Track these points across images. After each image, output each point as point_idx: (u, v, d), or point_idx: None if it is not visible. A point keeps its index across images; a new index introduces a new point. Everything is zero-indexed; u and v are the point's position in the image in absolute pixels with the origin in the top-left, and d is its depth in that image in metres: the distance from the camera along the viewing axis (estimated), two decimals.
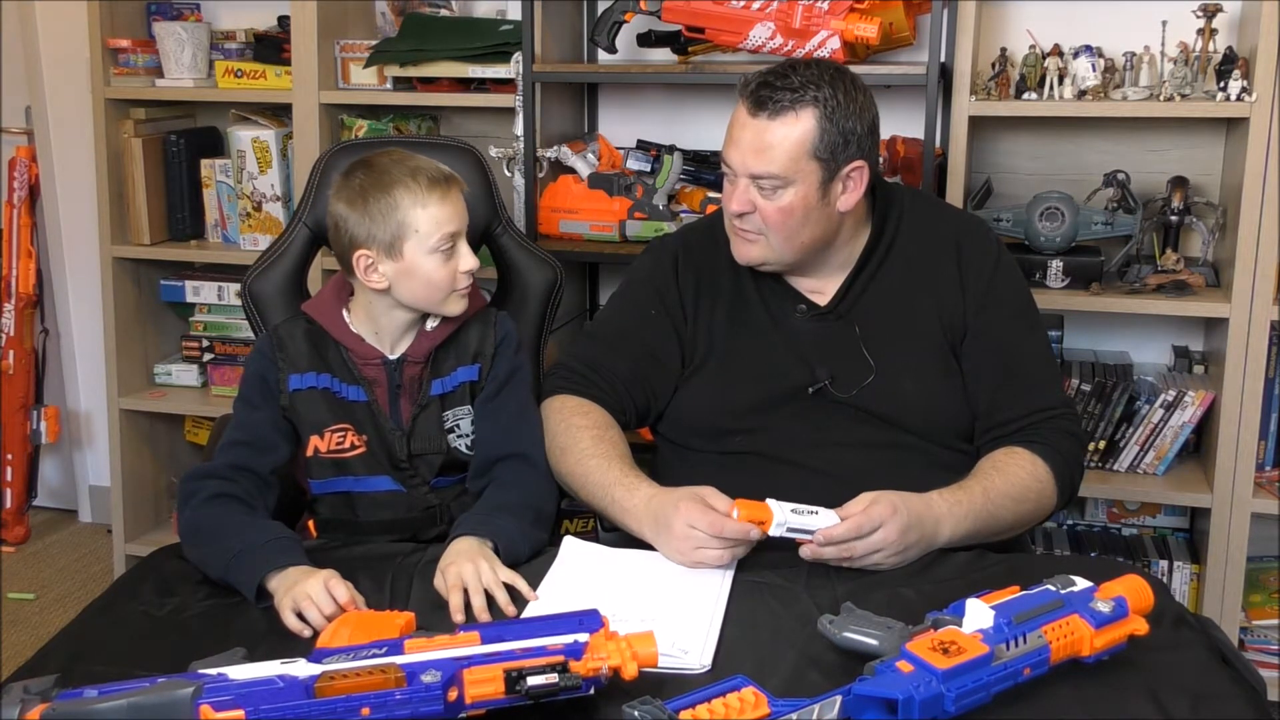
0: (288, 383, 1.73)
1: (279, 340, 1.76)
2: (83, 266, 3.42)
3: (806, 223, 1.72)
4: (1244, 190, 2.38)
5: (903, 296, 1.80)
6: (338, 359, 1.75)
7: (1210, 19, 2.43)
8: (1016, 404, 1.75)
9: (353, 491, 1.76)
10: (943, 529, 1.58)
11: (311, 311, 1.79)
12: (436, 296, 1.71)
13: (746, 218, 1.73)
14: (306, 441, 1.74)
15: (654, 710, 1.12)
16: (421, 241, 1.67)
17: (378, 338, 1.75)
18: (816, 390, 1.76)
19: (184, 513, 1.62)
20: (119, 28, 2.97)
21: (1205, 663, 1.31)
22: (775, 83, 1.68)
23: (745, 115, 1.69)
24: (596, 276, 2.97)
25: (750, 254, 1.77)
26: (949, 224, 1.87)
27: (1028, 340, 1.81)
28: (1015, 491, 1.67)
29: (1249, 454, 2.47)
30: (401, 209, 1.66)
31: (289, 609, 1.42)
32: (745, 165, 1.70)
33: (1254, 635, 2.60)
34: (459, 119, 3.04)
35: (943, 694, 1.15)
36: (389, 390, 1.75)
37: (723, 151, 1.74)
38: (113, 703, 1.11)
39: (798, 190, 1.69)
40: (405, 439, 1.74)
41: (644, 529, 1.61)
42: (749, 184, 1.70)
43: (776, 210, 1.70)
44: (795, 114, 1.67)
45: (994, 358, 1.77)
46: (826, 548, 1.51)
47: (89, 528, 3.60)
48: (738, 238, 1.77)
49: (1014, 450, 1.71)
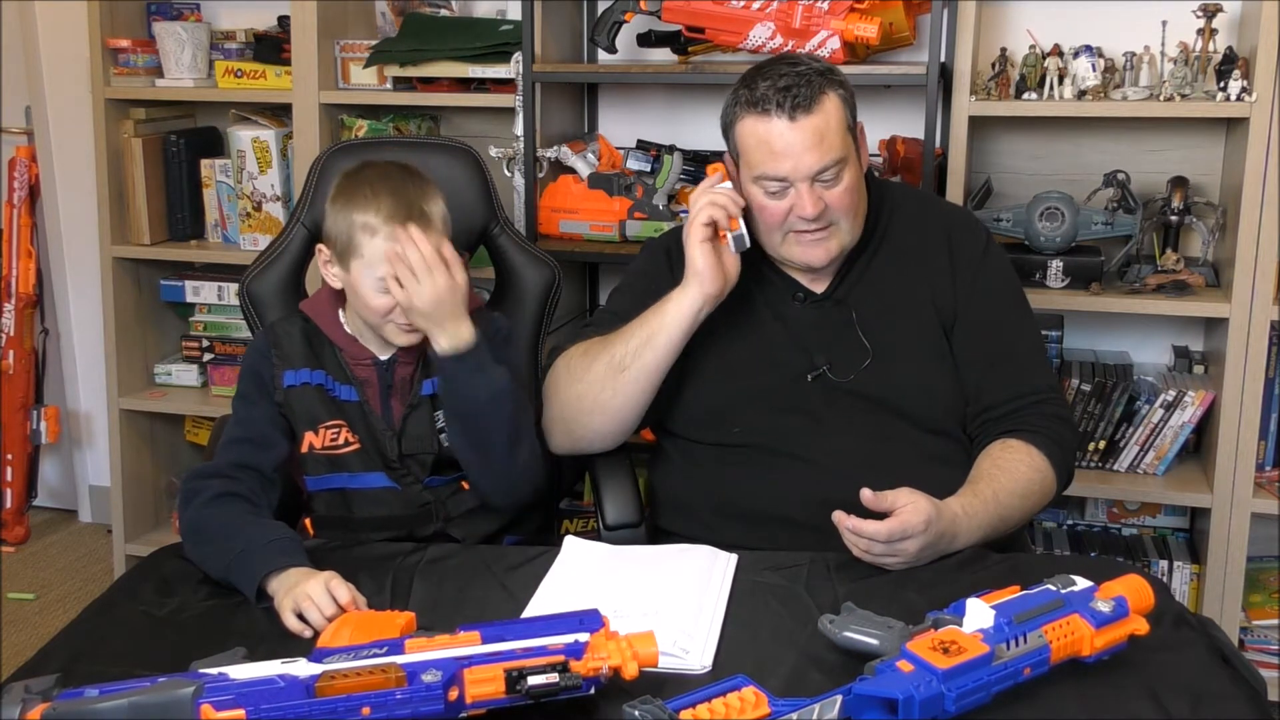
0: (282, 379, 1.74)
1: (274, 337, 1.77)
2: (83, 266, 3.42)
3: (862, 194, 1.78)
4: (1244, 190, 2.38)
5: (897, 284, 1.82)
6: (332, 358, 1.76)
7: (1210, 19, 2.43)
8: (1003, 388, 1.77)
9: (347, 489, 1.76)
10: (959, 540, 1.60)
11: (308, 310, 1.80)
12: (373, 320, 1.72)
13: (821, 216, 1.73)
14: (301, 438, 1.74)
15: (654, 710, 1.12)
16: (364, 267, 1.68)
17: (367, 339, 1.76)
18: (815, 377, 1.77)
19: (186, 512, 1.62)
20: (119, 28, 2.97)
21: (1205, 663, 1.31)
22: (790, 87, 1.69)
23: (783, 125, 1.69)
24: (596, 277, 2.97)
25: (830, 250, 1.76)
26: (940, 216, 1.90)
27: (1015, 326, 1.83)
28: (1020, 488, 1.68)
29: (1249, 454, 2.47)
30: (355, 228, 1.67)
31: (289, 610, 1.42)
32: (806, 167, 1.70)
33: (1254, 635, 2.60)
34: (459, 119, 3.04)
35: (943, 694, 1.15)
36: (380, 390, 1.75)
37: (762, 171, 1.72)
38: (113, 702, 1.11)
39: (852, 167, 1.74)
40: (396, 439, 1.74)
41: (679, 288, 1.74)
42: (810, 186, 1.71)
43: (844, 194, 1.73)
44: (825, 98, 1.71)
45: (982, 343, 1.79)
46: (858, 539, 1.53)
47: (89, 528, 3.60)
48: (811, 244, 1.76)
49: (1009, 444, 1.72)
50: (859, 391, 1.76)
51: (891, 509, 1.52)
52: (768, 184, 1.73)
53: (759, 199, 1.75)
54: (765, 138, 1.71)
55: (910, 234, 1.85)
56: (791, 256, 1.78)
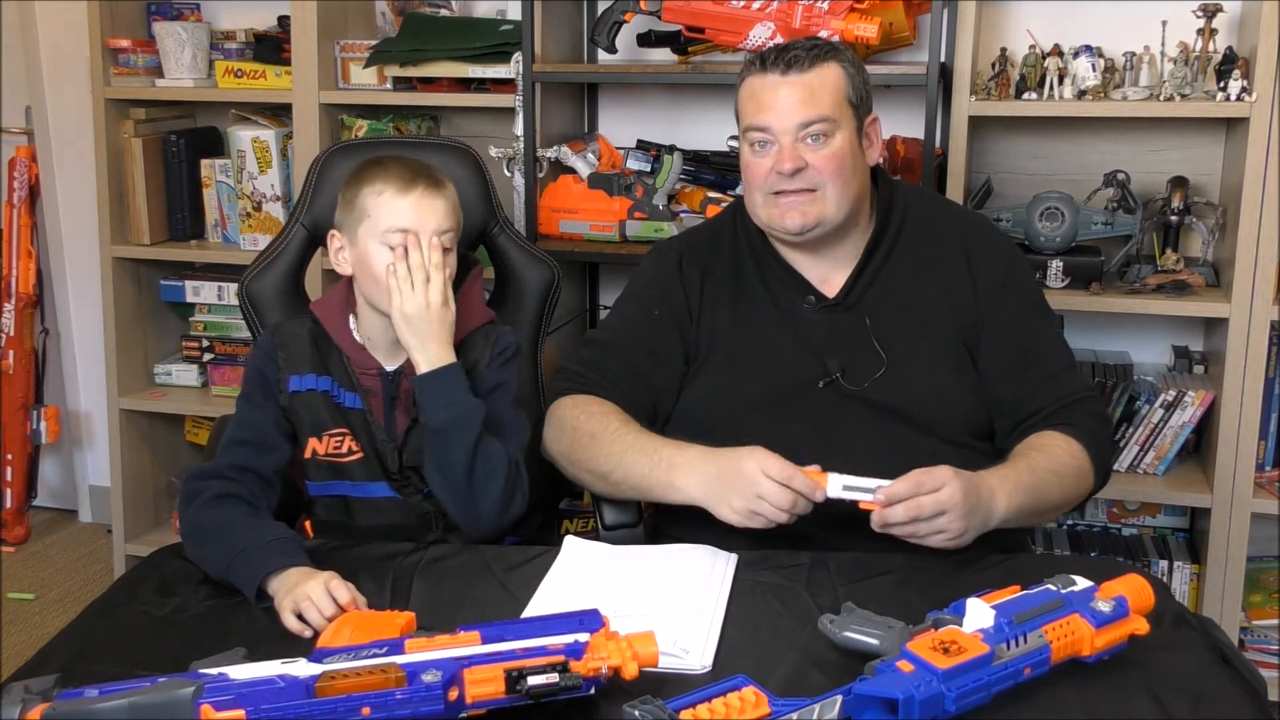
0: (288, 383, 1.73)
1: (281, 339, 1.76)
2: (83, 266, 3.42)
3: (854, 172, 1.75)
4: (1244, 190, 2.38)
5: (911, 288, 1.79)
6: (338, 364, 1.75)
7: (1210, 19, 2.43)
8: (1042, 394, 1.74)
9: (349, 496, 1.76)
10: (998, 501, 1.56)
11: (317, 312, 1.79)
12: (379, 293, 1.68)
13: (799, 175, 1.71)
14: (305, 443, 1.74)
15: (654, 710, 1.12)
16: (370, 228, 1.68)
17: (375, 348, 1.75)
18: (828, 384, 1.75)
19: (186, 513, 1.61)
20: (119, 28, 2.97)
21: (1205, 663, 1.31)
22: (792, 49, 1.71)
23: (775, 79, 1.71)
24: (596, 277, 2.97)
25: (807, 215, 1.73)
26: (954, 219, 1.88)
27: (1044, 331, 1.82)
28: (1058, 467, 1.66)
29: (1249, 454, 2.47)
30: (362, 194, 1.69)
31: (289, 610, 1.42)
32: (791, 118, 1.70)
33: (1254, 635, 2.60)
34: (459, 119, 3.04)
35: (943, 694, 1.15)
36: (384, 401, 1.74)
37: (749, 123, 1.73)
38: (113, 702, 1.11)
39: (843, 135, 1.72)
40: (398, 451, 1.74)
41: (695, 479, 1.59)
42: (793, 142, 1.70)
43: (830, 157, 1.71)
44: (824, 65, 1.72)
45: (1014, 352, 1.77)
46: (894, 509, 1.49)
47: (89, 528, 3.60)
48: (788, 207, 1.73)
49: (1046, 433, 1.71)
50: (873, 400, 1.73)
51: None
52: (753, 135, 1.73)
53: (745, 156, 1.75)
54: (756, 90, 1.73)
55: (924, 238, 1.82)
56: (770, 220, 1.76)
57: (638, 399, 1.81)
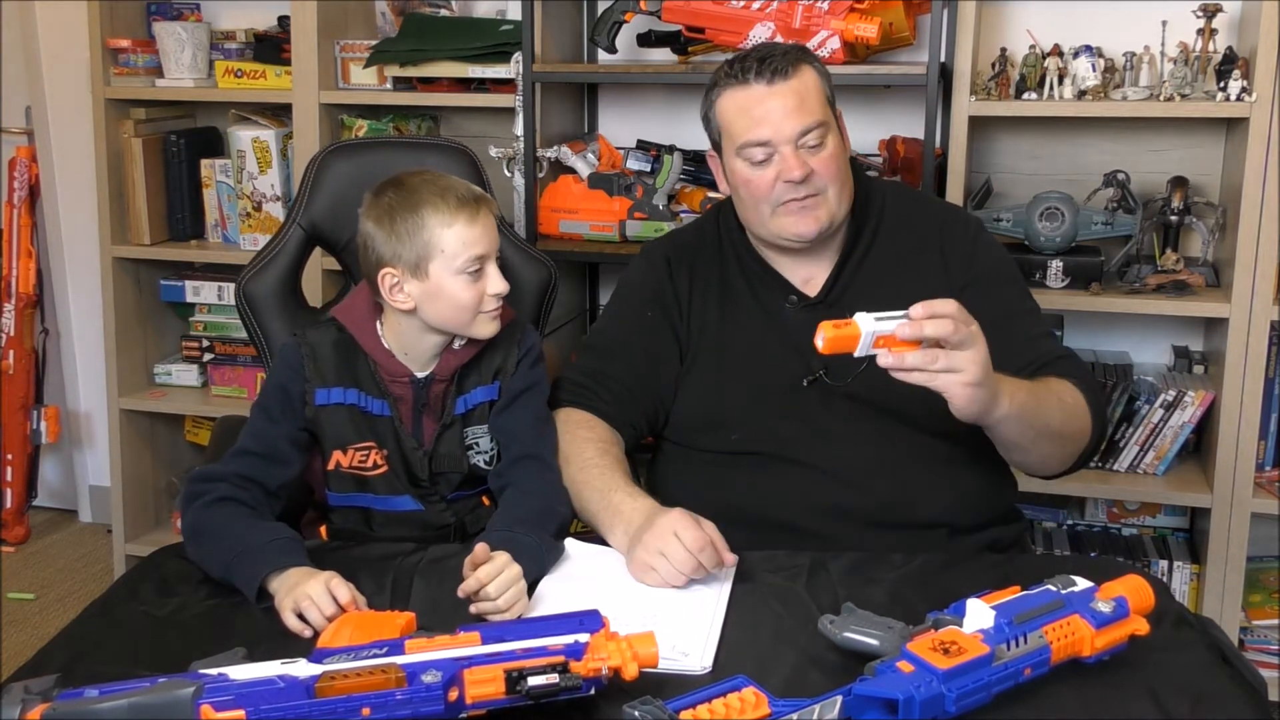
0: (314, 396, 1.70)
1: (309, 349, 1.72)
2: (83, 266, 3.42)
3: (847, 169, 1.76)
4: (1244, 190, 2.38)
5: (891, 283, 1.79)
6: (366, 372, 1.72)
7: (1210, 19, 2.43)
8: (1025, 354, 1.73)
9: (372, 508, 1.75)
10: (1004, 387, 1.55)
11: (343, 319, 1.74)
12: (464, 318, 1.68)
13: (808, 182, 1.71)
14: (329, 455, 1.72)
15: (654, 710, 1.12)
16: (448, 262, 1.64)
17: (407, 358, 1.72)
18: (812, 382, 1.75)
19: (188, 512, 1.61)
20: (119, 28, 2.97)
21: (1205, 663, 1.31)
22: (766, 56, 1.71)
23: (762, 89, 1.70)
24: (596, 277, 2.97)
25: (820, 219, 1.73)
26: (930, 212, 1.88)
27: (1018, 304, 1.81)
28: (1056, 391, 1.66)
29: (1249, 454, 2.47)
30: (428, 228, 1.64)
31: (289, 610, 1.41)
32: (788, 127, 1.69)
33: (1254, 635, 2.60)
34: (459, 119, 3.04)
35: (943, 694, 1.15)
36: (413, 407, 1.72)
37: (746, 139, 1.71)
38: (113, 703, 1.11)
39: (835, 136, 1.74)
40: (427, 458, 1.72)
41: (622, 529, 1.59)
42: (794, 150, 1.70)
43: (829, 159, 1.72)
44: (802, 69, 1.72)
45: (986, 320, 1.75)
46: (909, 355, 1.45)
47: (89, 528, 3.60)
48: (798, 213, 1.73)
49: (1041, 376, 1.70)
50: (858, 395, 1.74)
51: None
52: (751, 152, 1.72)
53: (744, 172, 1.73)
54: (745, 104, 1.71)
55: (902, 232, 1.83)
56: (781, 230, 1.75)
57: (639, 404, 1.81)
